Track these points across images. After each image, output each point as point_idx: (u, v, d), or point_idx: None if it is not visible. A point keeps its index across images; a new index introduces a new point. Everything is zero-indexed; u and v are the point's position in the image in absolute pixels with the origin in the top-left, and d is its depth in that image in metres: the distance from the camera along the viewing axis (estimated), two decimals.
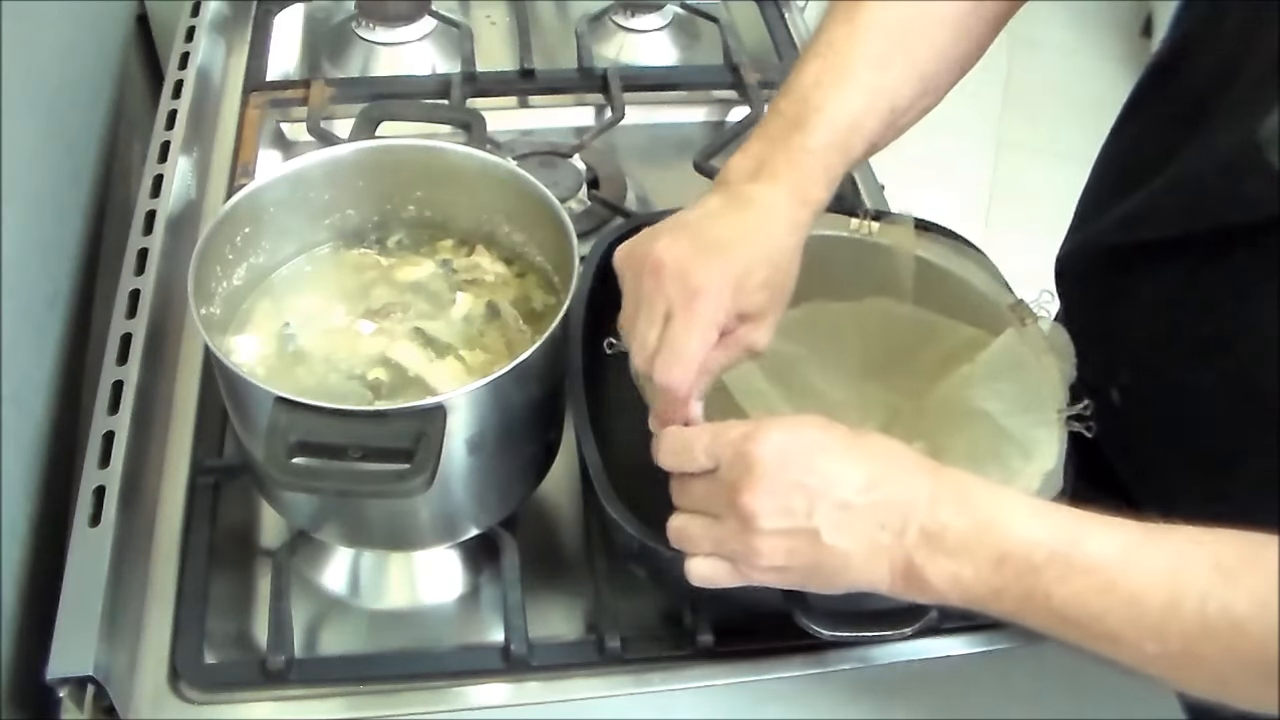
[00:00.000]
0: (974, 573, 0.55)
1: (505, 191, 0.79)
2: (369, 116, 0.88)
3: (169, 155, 0.99)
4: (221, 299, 0.75)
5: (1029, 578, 0.54)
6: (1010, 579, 0.55)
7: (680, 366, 0.62)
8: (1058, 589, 0.54)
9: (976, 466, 0.73)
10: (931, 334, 0.82)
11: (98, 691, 0.67)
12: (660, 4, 1.28)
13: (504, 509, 0.76)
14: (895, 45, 0.70)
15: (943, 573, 0.56)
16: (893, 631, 0.66)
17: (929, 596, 0.57)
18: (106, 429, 0.77)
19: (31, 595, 0.76)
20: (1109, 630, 0.54)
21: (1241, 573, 0.51)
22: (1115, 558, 0.54)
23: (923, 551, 0.56)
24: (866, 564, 0.57)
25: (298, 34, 1.28)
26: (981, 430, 0.75)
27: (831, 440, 0.59)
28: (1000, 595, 0.55)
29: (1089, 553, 0.54)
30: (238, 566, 0.79)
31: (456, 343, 0.77)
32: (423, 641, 0.76)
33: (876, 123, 0.69)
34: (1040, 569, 0.54)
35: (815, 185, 0.67)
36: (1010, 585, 0.55)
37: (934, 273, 0.82)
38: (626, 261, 0.66)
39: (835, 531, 0.57)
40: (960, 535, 0.56)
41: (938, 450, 0.77)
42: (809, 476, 0.57)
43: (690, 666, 0.74)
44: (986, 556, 0.55)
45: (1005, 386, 0.76)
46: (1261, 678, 0.50)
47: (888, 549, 0.57)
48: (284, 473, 0.61)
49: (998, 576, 0.55)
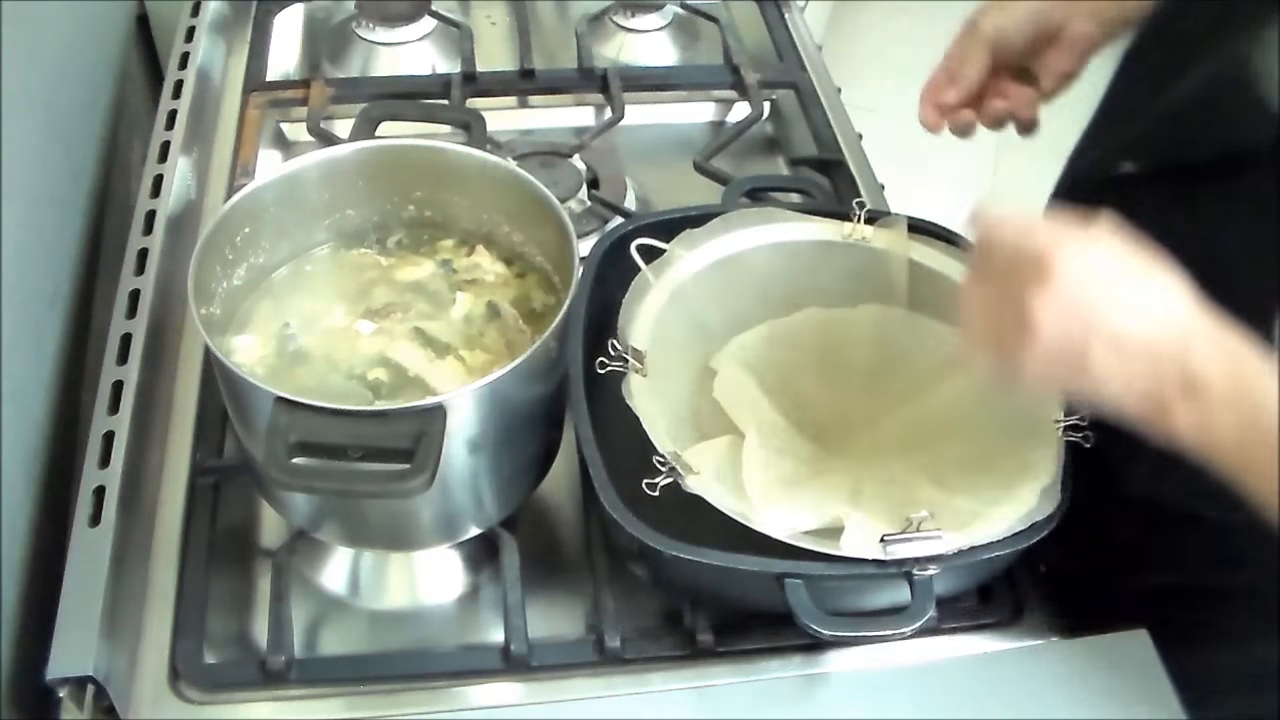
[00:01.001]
0: (1221, 422, 0.58)
1: (505, 191, 0.79)
2: (369, 116, 0.88)
3: (169, 155, 0.99)
4: (221, 299, 0.75)
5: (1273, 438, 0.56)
6: (1253, 438, 0.57)
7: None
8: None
9: (973, 478, 0.74)
10: (928, 340, 0.81)
11: (98, 691, 0.67)
12: (660, 4, 1.28)
13: (504, 509, 0.76)
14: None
15: (1191, 419, 0.58)
16: (893, 631, 0.67)
17: (1169, 434, 0.59)
18: (106, 429, 0.77)
19: (31, 595, 0.76)
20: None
21: None
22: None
23: (1177, 398, 0.58)
24: (1120, 394, 0.60)
25: (298, 34, 1.28)
26: (978, 440, 0.75)
27: (1125, 269, 0.60)
28: (1243, 446, 0.57)
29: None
30: (238, 566, 0.79)
31: (456, 343, 0.77)
32: (423, 641, 0.76)
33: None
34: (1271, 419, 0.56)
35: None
36: (1256, 445, 0.57)
37: (929, 277, 0.82)
38: None
39: (1101, 363, 0.59)
40: (1220, 392, 0.58)
41: (934, 460, 0.77)
42: (1094, 308, 0.59)
43: (690, 666, 0.74)
44: (1239, 413, 0.57)
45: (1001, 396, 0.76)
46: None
47: (1145, 391, 0.59)
48: (284, 473, 0.61)
49: (1245, 432, 0.57)
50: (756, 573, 0.67)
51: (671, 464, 0.68)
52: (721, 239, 0.83)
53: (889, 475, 0.78)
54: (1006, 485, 0.71)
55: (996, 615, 0.77)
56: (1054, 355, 0.59)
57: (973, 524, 0.69)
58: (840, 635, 0.67)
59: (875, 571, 0.67)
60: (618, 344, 0.74)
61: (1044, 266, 0.59)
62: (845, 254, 0.85)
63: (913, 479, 0.76)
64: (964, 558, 0.68)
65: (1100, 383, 0.59)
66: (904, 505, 0.71)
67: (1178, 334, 0.59)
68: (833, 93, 1.18)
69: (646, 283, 0.80)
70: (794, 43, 1.25)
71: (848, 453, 0.81)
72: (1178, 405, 0.58)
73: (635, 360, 0.74)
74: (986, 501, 0.71)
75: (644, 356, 0.75)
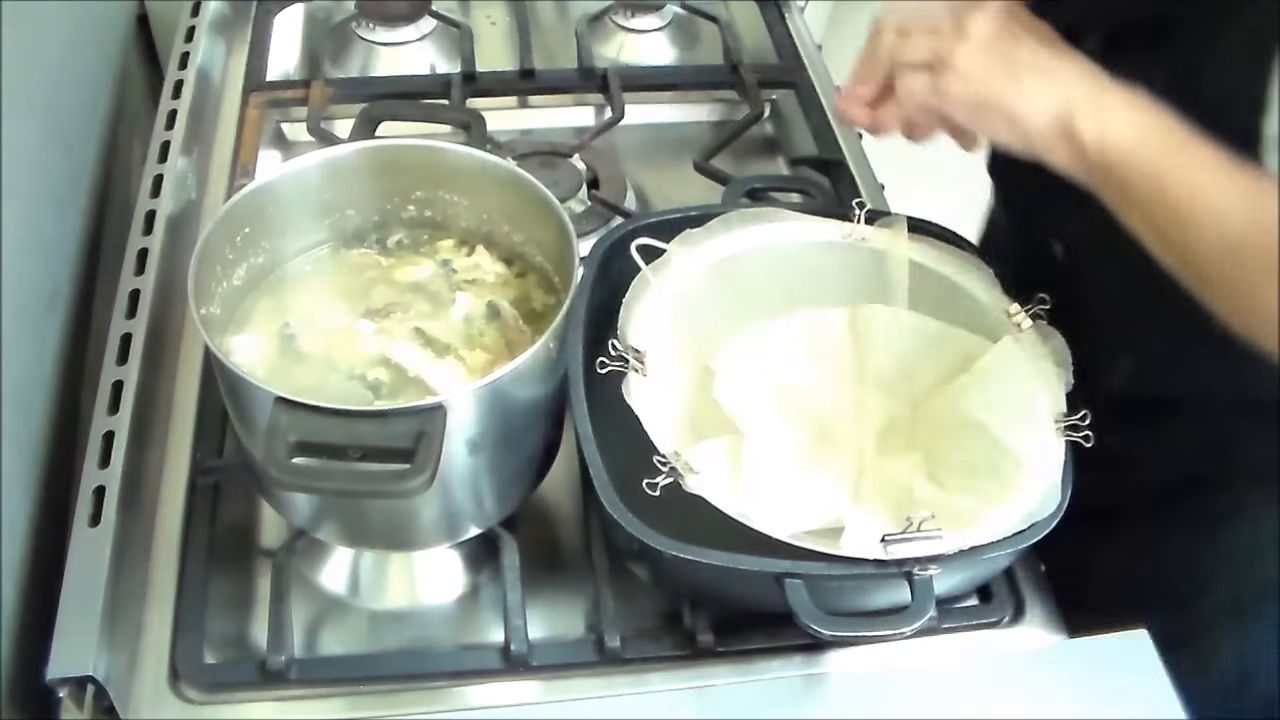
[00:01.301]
0: (1129, 118, 0.65)
1: (505, 191, 0.79)
2: (369, 116, 0.88)
3: (169, 155, 0.99)
4: (221, 299, 0.75)
5: (1165, 138, 0.64)
6: (1152, 134, 0.64)
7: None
8: (1181, 156, 0.64)
9: (972, 479, 0.74)
10: (930, 341, 0.82)
11: (98, 691, 0.67)
12: (660, 4, 1.28)
13: (504, 509, 0.76)
14: None
15: (1101, 120, 0.65)
16: (893, 631, 0.67)
17: (1074, 158, 0.66)
18: (106, 429, 0.77)
19: (31, 595, 0.76)
20: (1199, 208, 0.64)
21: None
22: (1222, 154, 0.63)
23: (1091, 103, 0.66)
24: (1034, 112, 0.67)
25: (298, 34, 1.28)
26: (978, 442, 0.75)
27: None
28: (1147, 144, 0.65)
29: (1204, 147, 0.64)
30: (238, 566, 0.79)
31: (456, 343, 0.77)
32: (423, 641, 0.76)
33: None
34: (1169, 131, 0.64)
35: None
36: (1152, 140, 0.64)
37: (930, 278, 0.82)
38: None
39: (1029, 69, 0.67)
40: (1123, 96, 0.66)
41: (933, 461, 0.77)
42: (1020, 38, 0.68)
43: (690, 666, 0.74)
44: (1139, 113, 0.65)
45: (1001, 396, 0.76)
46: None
47: (1056, 105, 0.66)
48: (284, 473, 0.61)
49: (1144, 130, 0.65)
50: (756, 573, 0.67)
51: (672, 464, 0.68)
52: (721, 239, 0.83)
53: (889, 475, 0.78)
54: (1006, 486, 0.71)
55: (996, 615, 0.77)
56: (987, 53, 0.67)
57: (972, 524, 0.69)
58: (840, 635, 0.67)
59: (875, 571, 0.67)
60: (618, 344, 0.74)
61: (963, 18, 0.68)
62: (845, 254, 0.85)
63: (912, 479, 0.76)
64: (965, 557, 0.68)
65: (1021, 95, 0.67)
66: (903, 505, 0.71)
67: (1084, 64, 0.67)
68: (833, 93, 1.18)
69: (646, 282, 0.80)
70: (794, 43, 1.25)
71: (848, 453, 0.81)
72: (1084, 113, 0.65)
73: (635, 360, 0.74)
74: (986, 501, 0.71)
75: (644, 356, 0.75)
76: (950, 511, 0.71)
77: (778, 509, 0.69)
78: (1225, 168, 0.64)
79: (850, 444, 0.81)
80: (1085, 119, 0.65)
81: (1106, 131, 0.65)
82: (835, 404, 0.82)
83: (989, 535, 0.68)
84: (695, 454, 0.71)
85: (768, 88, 1.18)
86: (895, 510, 0.73)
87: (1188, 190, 0.64)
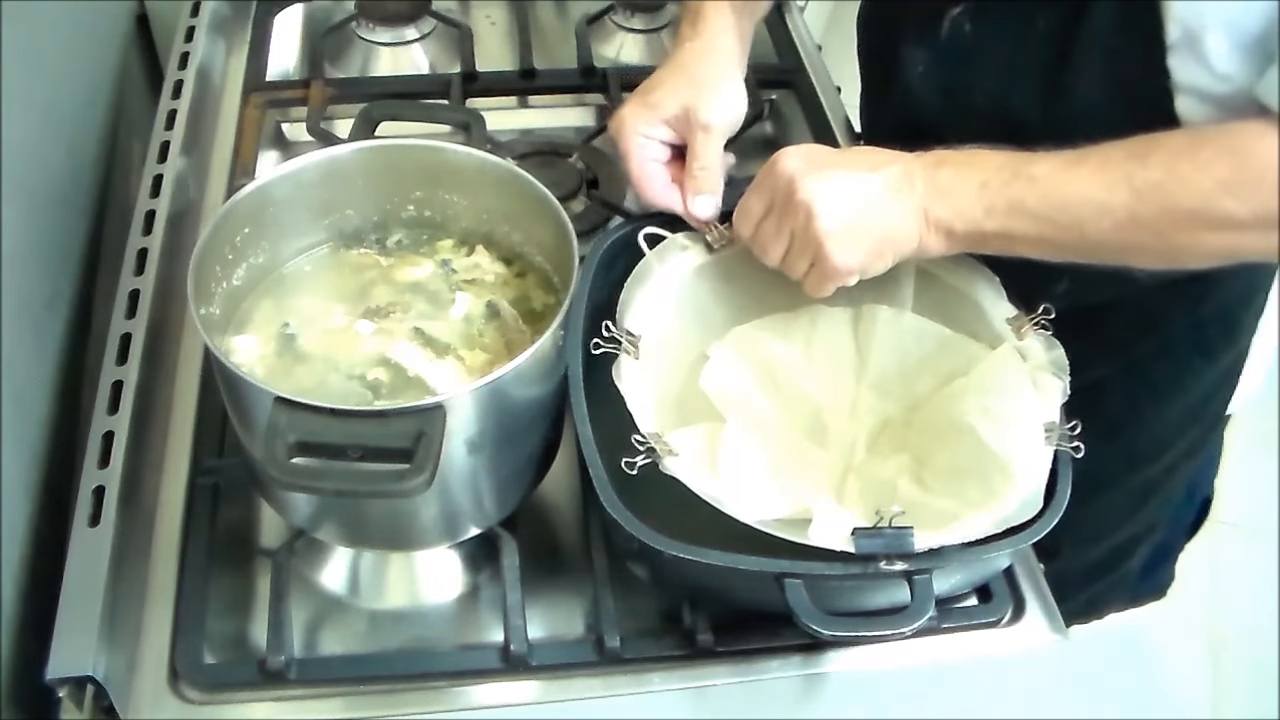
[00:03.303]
0: (967, 201, 0.71)
1: (505, 191, 0.79)
2: (369, 116, 0.87)
3: (169, 155, 0.99)
4: (221, 299, 0.75)
5: (1007, 190, 0.70)
6: (995, 195, 0.71)
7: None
8: (1029, 192, 0.70)
9: (959, 483, 0.73)
10: (931, 346, 0.81)
11: (98, 691, 0.67)
12: (660, 4, 1.28)
13: (504, 509, 0.76)
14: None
15: (946, 211, 0.72)
16: (892, 631, 0.67)
17: (943, 237, 0.73)
18: (106, 429, 0.77)
19: (31, 595, 0.76)
20: (1075, 217, 0.70)
21: (1148, 153, 0.69)
22: (1060, 165, 0.70)
23: (931, 197, 0.72)
24: (903, 223, 0.72)
25: (298, 34, 1.28)
26: (967, 447, 0.75)
27: (839, 160, 0.75)
28: (991, 212, 0.71)
29: (1040, 166, 0.70)
30: (238, 566, 0.79)
31: (456, 343, 0.77)
32: (423, 641, 0.76)
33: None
34: (1010, 182, 0.70)
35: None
36: (996, 201, 0.71)
37: (933, 284, 0.82)
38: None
39: (875, 214, 0.72)
40: (950, 176, 0.72)
41: (921, 464, 0.77)
42: (833, 176, 0.73)
43: (690, 666, 0.74)
44: (971, 186, 0.71)
45: (995, 402, 0.75)
46: (1185, 222, 0.68)
47: (914, 207, 0.72)
48: (284, 473, 0.61)
49: (985, 197, 0.71)
50: (756, 573, 0.67)
51: (651, 444, 0.68)
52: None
53: (875, 474, 0.78)
54: (990, 492, 0.71)
55: (996, 615, 0.77)
56: (847, 242, 0.72)
57: (948, 526, 0.68)
58: (840, 635, 0.67)
59: (875, 571, 0.67)
60: (612, 325, 0.74)
61: (784, 175, 0.73)
62: None
63: (898, 479, 0.76)
64: (964, 557, 0.68)
65: (890, 238, 0.73)
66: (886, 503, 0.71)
67: (902, 164, 0.73)
68: (833, 93, 1.18)
69: (650, 268, 0.80)
70: (794, 43, 1.25)
71: (837, 449, 0.81)
72: (932, 203, 0.72)
73: (629, 343, 0.74)
74: (967, 505, 0.71)
75: (638, 340, 0.75)
76: (930, 512, 0.71)
77: (750, 494, 0.69)
78: (1073, 164, 0.70)
79: (841, 441, 0.81)
80: (938, 210, 0.72)
81: (960, 213, 0.72)
82: (831, 401, 0.82)
83: (962, 537, 0.68)
84: (676, 437, 0.71)
85: (767, 88, 1.18)
86: (876, 507, 0.73)
87: (1059, 201, 0.70)
